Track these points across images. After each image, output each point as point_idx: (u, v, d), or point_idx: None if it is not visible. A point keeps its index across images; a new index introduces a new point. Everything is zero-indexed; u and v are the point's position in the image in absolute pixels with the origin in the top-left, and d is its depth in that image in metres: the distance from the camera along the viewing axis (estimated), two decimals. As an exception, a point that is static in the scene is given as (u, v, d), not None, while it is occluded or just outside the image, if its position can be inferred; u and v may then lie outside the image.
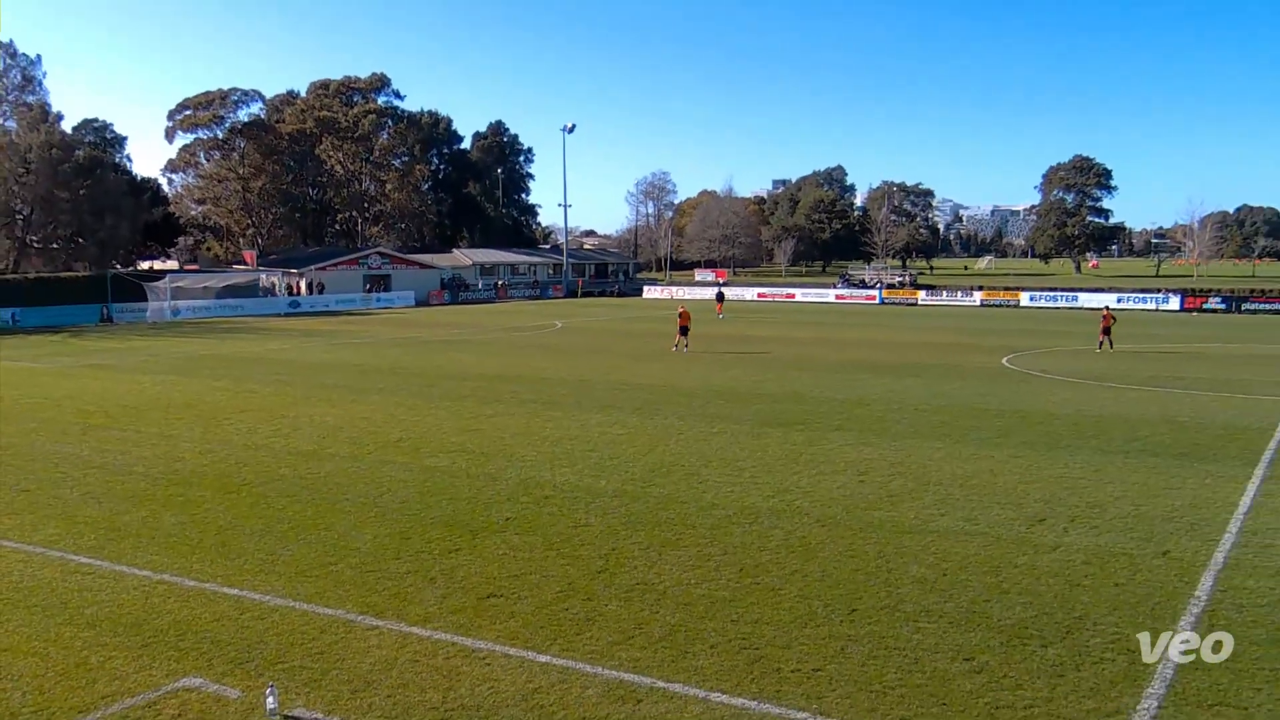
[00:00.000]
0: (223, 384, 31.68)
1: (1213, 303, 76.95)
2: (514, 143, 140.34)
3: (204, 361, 39.03)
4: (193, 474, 18.59)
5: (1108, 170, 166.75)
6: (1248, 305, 75.78)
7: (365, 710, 8.99)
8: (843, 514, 15.61)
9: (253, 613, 11.42)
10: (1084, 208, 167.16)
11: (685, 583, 12.40)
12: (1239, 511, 15.73)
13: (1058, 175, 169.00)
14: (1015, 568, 12.97)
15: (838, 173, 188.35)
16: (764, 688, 9.44)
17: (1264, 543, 14.04)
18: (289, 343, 47.93)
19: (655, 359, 39.01)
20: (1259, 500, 16.47)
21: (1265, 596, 11.87)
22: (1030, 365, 37.08)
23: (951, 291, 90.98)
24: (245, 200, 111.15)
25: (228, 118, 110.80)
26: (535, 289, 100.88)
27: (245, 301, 74.28)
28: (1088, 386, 30.88)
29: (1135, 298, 79.79)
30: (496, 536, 14.43)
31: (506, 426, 23.46)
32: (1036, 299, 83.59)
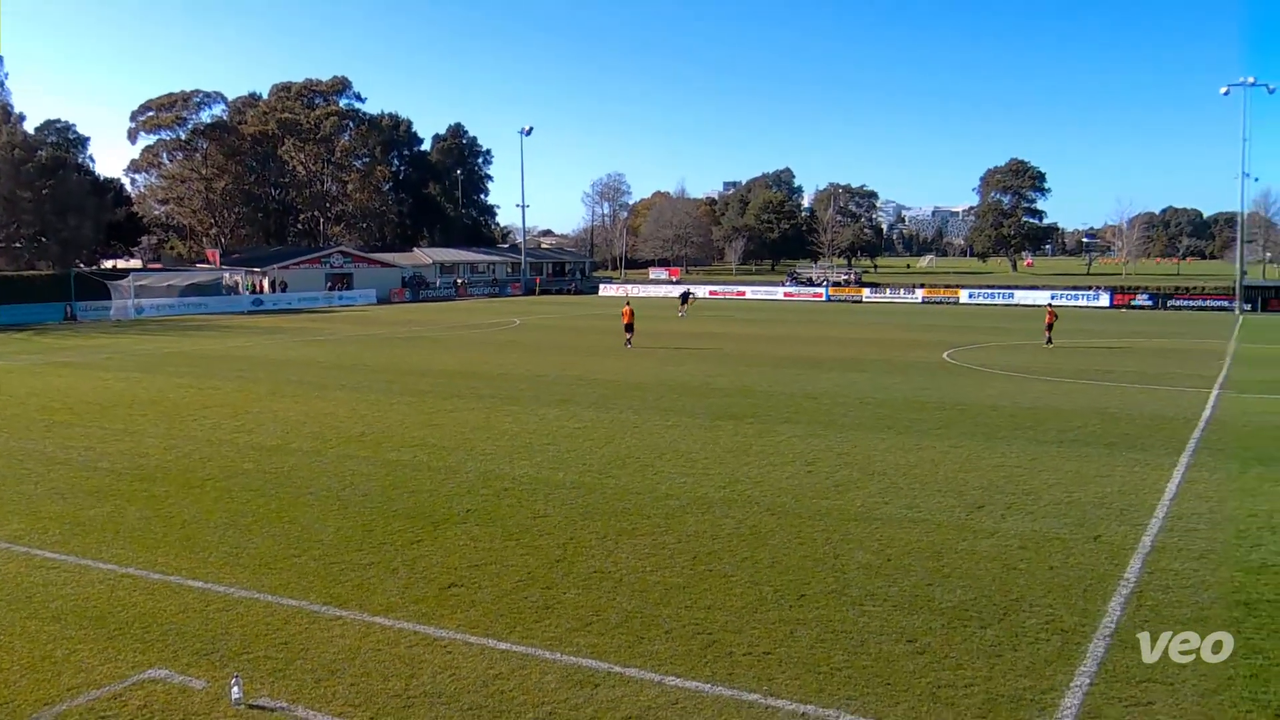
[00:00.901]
0: (186, 381, 31.21)
1: (1140, 299, 78.33)
2: (473, 145, 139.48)
3: (168, 359, 38.43)
4: (157, 469, 18.31)
5: (1042, 173, 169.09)
6: (1173, 302, 77.30)
7: (329, 699, 8.91)
8: (792, 503, 15.70)
9: (217, 605, 11.27)
10: (1019, 209, 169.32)
11: (641, 571, 12.42)
12: (1165, 498, 16.02)
13: (995, 178, 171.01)
14: (956, 553, 13.12)
15: (786, 175, 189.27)
16: (717, 671, 9.48)
17: (1188, 527, 14.32)
18: (252, 340, 47.32)
19: (611, 355, 39.01)
20: (1183, 487, 16.79)
21: (1189, 579, 12.11)
22: (969, 360, 37.52)
23: (894, 289, 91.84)
24: (208, 200, 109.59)
25: (190, 119, 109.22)
26: (494, 287, 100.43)
27: (209, 300, 73.23)
28: (1023, 380, 31.31)
29: (1068, 295, 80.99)
30: (457, 528, 14.35)
31: (466, 421, 23.34)
32: (975, 296, 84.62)
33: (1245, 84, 76.24)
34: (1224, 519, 14.75)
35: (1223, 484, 17.02)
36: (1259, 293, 75.76)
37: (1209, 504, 15.64)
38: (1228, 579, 12.08)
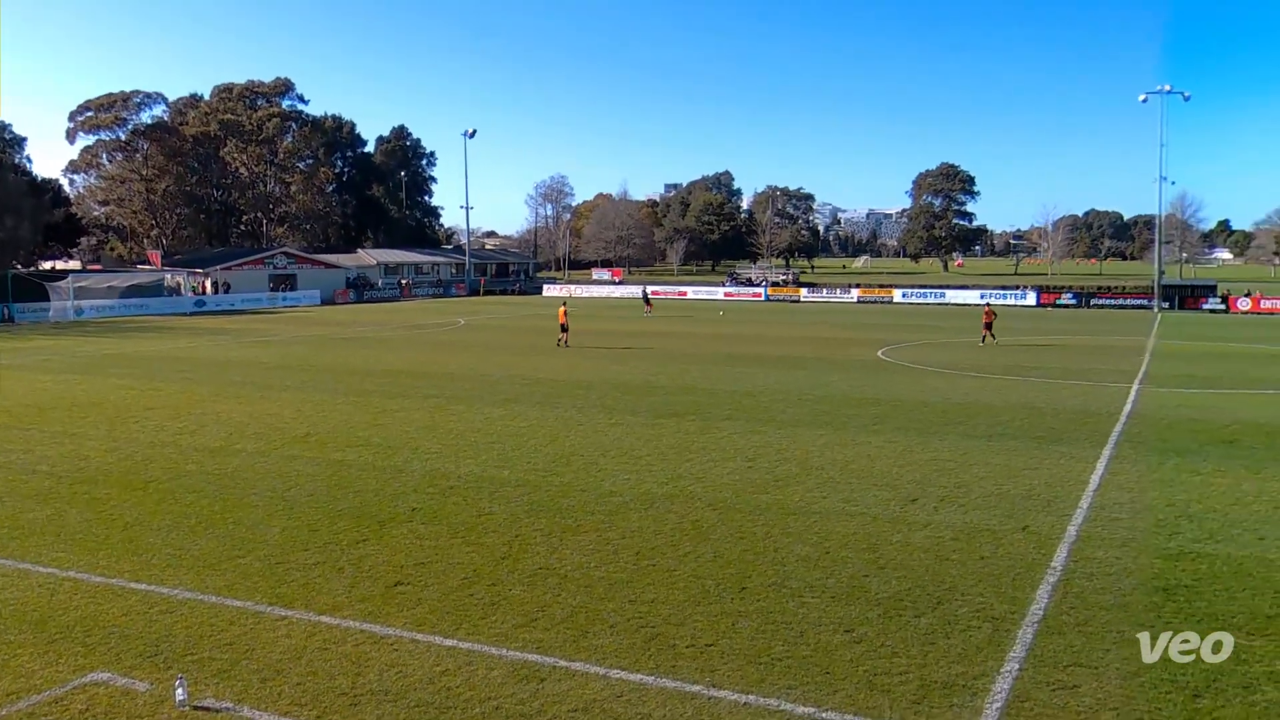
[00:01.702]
0: (128, 382, 30.51)
1: (1065, 298, 79.98)
2: (416, 147, 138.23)
3: (109, 360, 37.53)
4: (99, 471, 17.88)
5: (971, 177, 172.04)
6: (1095, 301, 79.06)
7: (275, 698, 8.78)
8: (733, 498, 15.79)
9: (161, 606, 11.04)
10: (950, 211, 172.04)
11: (585, 566, 12.41)
12: (1089, 489, 16.38)
13: (926, 181, 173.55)
14: (891, 545, 13.29)
15: (725, 177, 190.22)
16: (660, 663, 9.50)
17: (1111, 517, 14.65)
18: (195, 341, 46.42)
19: (554, 354, 38.91)
20: (1106, 478, 17.18)
21: (1112, 566, 12.40)
22: (903, 357, 38.02)
23: (831, 289, 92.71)
24: (149, 201, 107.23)
25: (130, 119, 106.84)
26: (439, 288, 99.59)
27: (150, 301, 71.63)
28: (955, 376, 31.81)
29: (997, 294, 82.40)
30: (403, 526, 14.22)
31: (412, 420, 23.13)
32: (908, 296, 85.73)
33: (1162, 92, 78.40)
34: (1144, 508, 15.12)
35: (1143, 475, 17.44)
36: (1176, 291, 77.82)
37: (1130, 494, 16.02)
38: (1148, 566, 12.39)
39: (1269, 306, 71.94)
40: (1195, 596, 11.25)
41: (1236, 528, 14.01)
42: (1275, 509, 15.00)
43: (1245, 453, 19.22)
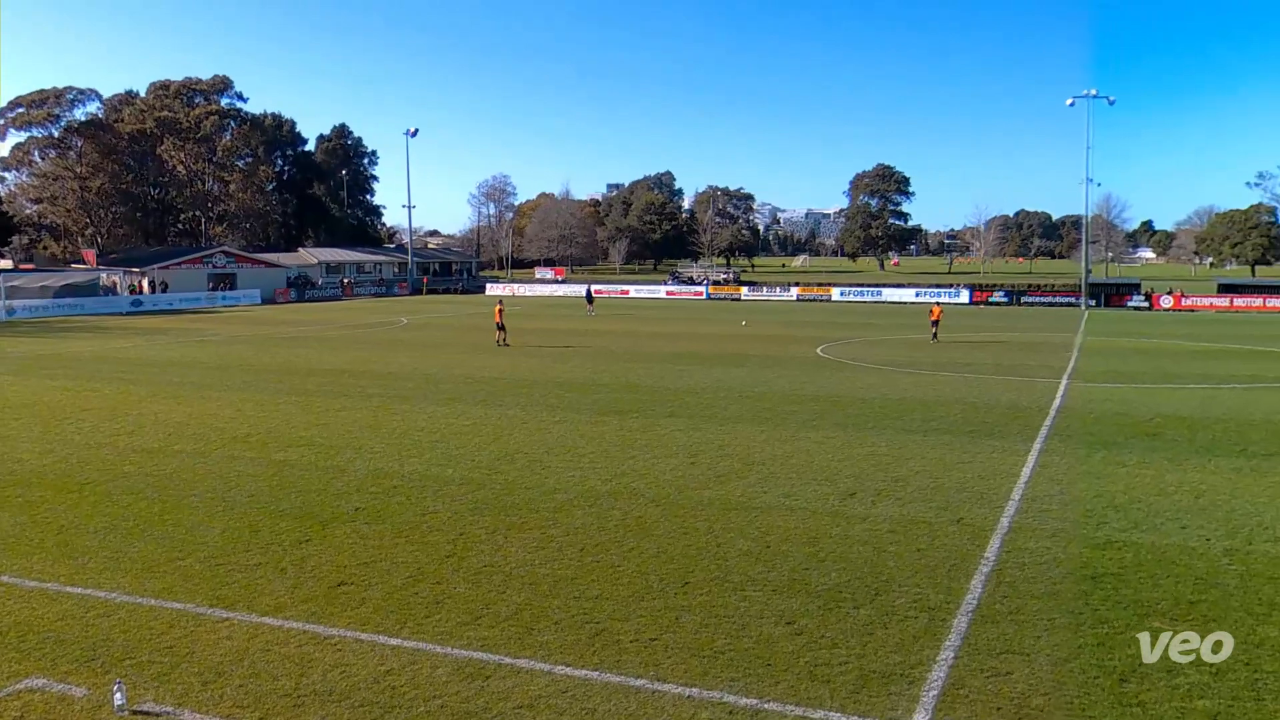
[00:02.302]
0: (62, 383, 29.70)
1: (997, 296, 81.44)
2: (358, 145, 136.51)
3: (42, 361, 36.50)
4: (32, 474, 17.38)
5: (906, 178, 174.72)
6: (1026, 298, 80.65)
7: (217, 701, 8.62)
8: (676, 494, 15.83)
9: (98, 610, 10.78)
10: (886, 211, 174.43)
11: (530, 563, 12.36)
12: (1021, 481, 16.70)
13: (863, 182, 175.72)
14: (830, 538, 13.42)
15: (667, 178, 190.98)
16: (605, 659, 9.50)
17: (1041, 508, 14.96)
18: (132, 341, 45.35)
19: (498, 353, 38.69)
20: (1037, 471, 17.53)
21: (1043, 556, 12.66)
22: (841, 354, 38.43)
23: (771, 288, 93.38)
24: (83, 199, 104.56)
25: (63, 116, 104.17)
26: (381, 287, 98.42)
27: (85, 300, 69.78)
28: (891, 373, 32.23)
29: (931, 292, 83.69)
30: (346, 526, 14.04)
31: (354, 420, 22.84)
32: (846, 294, 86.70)
33: (1089, 96, 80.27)
34: (1073, 500, 15.46)
35: (1071, 467, 17.83)
36: (1102, 290, 79.70)
37: (1059, 486, 16.36)
38: (1077, 555, 12.67)
39: (1189, 304, 74.01)
40: (1122, 584, 11.52)
41: (1160, 517, 14.38)
42: (1196, 499, 15.43)
43: (1167, 445, 19.73)
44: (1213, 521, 14.16)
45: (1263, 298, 73.71)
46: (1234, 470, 17.46)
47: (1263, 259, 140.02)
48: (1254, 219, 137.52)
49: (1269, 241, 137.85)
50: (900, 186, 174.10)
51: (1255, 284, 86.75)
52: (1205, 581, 11.63)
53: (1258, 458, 18.51)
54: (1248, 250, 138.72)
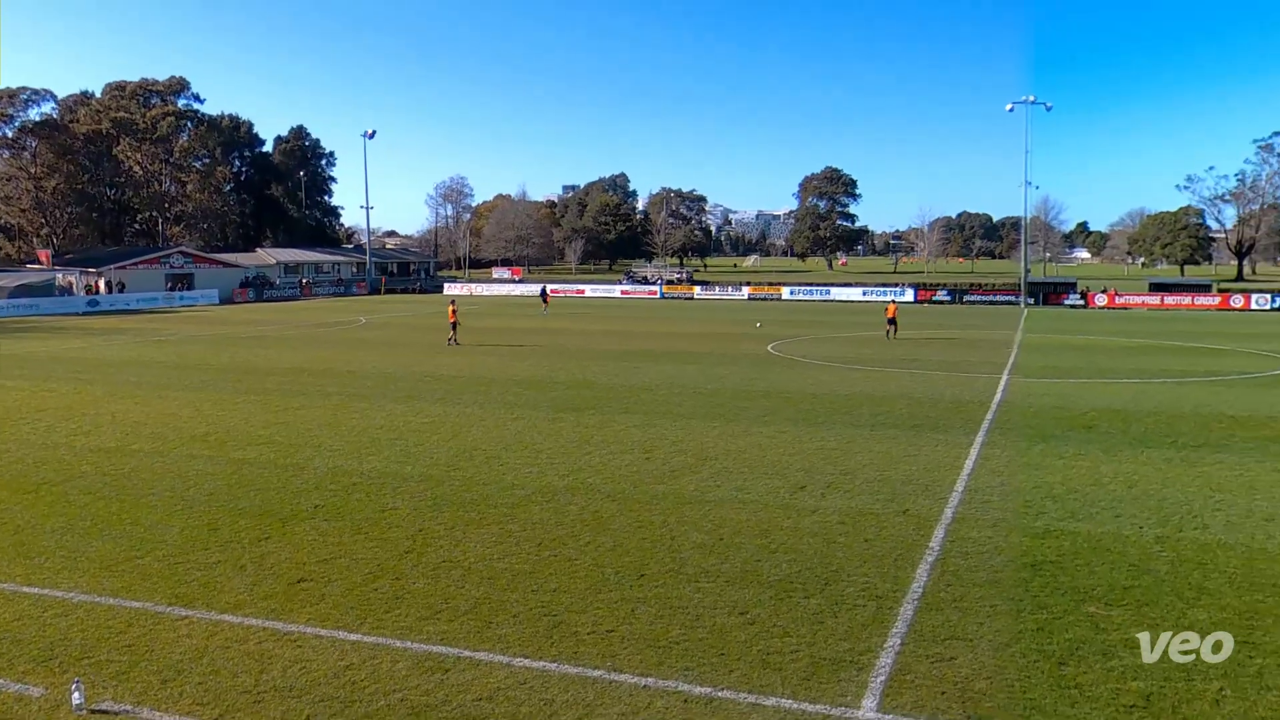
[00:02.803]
0: (17, 384, 29.01)
1: (940, 295, 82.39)
2: (316, 147, 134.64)
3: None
4: (-13, 475, 16.97)
5: (854, 180, 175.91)
6: (968, 297, 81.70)
7: (176, 699, 8.48)
8: (631, 489, 15.84)
9: (55, 610, 10.55)
10: (834, 213, 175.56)
11: (489, 558, 12.30)
12: (964, 473, 16.93)
13: (812, 184, 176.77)
14: (781, 530, 13.51)
15: (621, 179, 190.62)
16: (563, 650, 9.49)
17: (983, 499, 15.17)
18: (89, 341, 44.42)
19: (455, 351, 38.44)
20: (979, 463, 17.78)
21: (985, 545, 12.84)
22: (791, 352, 38.67)
23: (723, 287, 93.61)
24: (38, 199, 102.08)
25: (17, 116, 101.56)
26: (340, 287, 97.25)
27: (41, 301, 68.18)
28: (840, 369, 32.49)
29: (878, 291, 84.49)
30: (306, 523, 13.88)
31: (313, 418, 22.57)
32: (795, 293, 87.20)
33: (1027, 102, 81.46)
34: (1013, 491, 15.70)
35: (1012, 459, 18.10)
36: (1040, 288, 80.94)
37: (1000, 478, 16.61)
38: (1017, 544, 12.87)
39: (1122, 302, 75.45)
40: (1060, 571, 11.73)
41: (1095, 507, 14.65)
42: (1129, 489, 15.74)
43: (1102, 437, 20.11)
44: (1145, 510, 14.45)
45: (1191, 296, 75.43)
46: (1165, 461, 17.84)
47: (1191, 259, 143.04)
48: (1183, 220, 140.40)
49: (1197, 242, 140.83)
50: (848, 189, 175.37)
51: (1184, 283, 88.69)
52: (1138, 568, 11.87)
53: (1187, 449, 18.92)
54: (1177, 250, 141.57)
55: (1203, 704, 8.36)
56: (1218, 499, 15.10)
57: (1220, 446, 19.12)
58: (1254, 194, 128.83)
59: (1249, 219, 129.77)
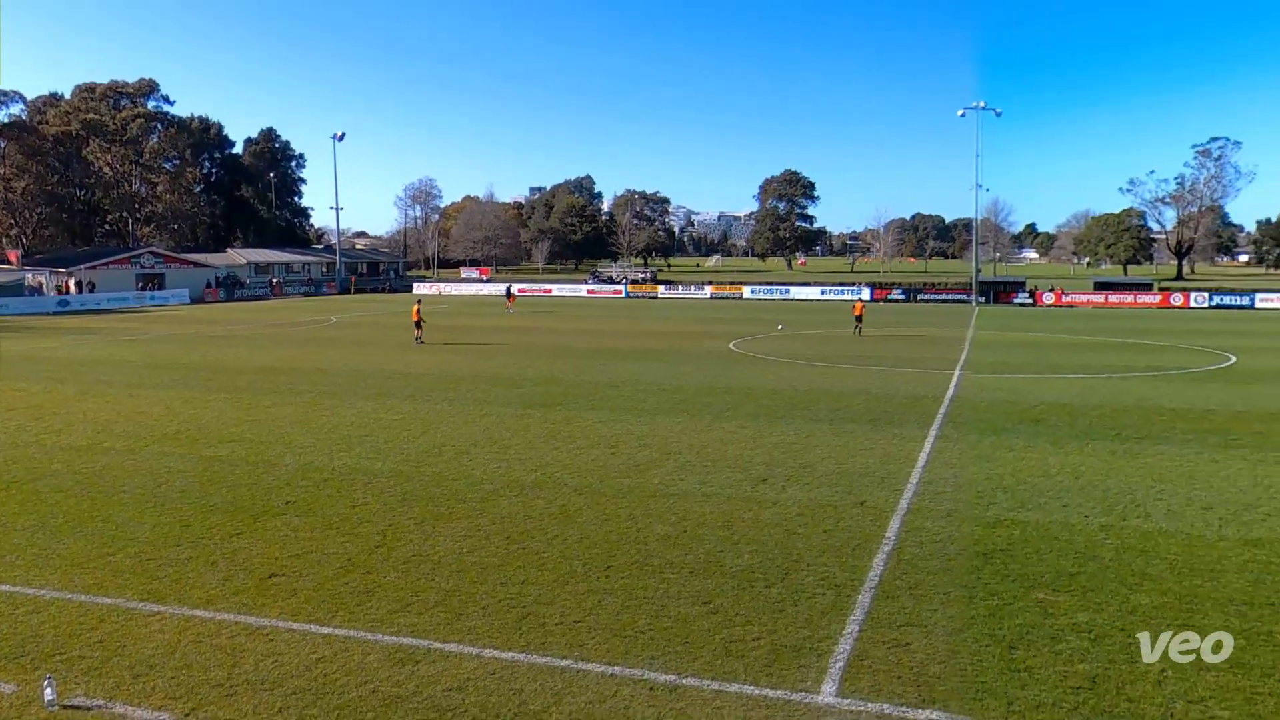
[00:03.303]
0: (-12, 383, 28.41)
1: (895, 294, 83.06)
2: (286, 149, 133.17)
3: (-34, 361, 34.88)
4: (-43, 474, 16.60)
5: (812, 183, 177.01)
6: (922, 296, 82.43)
7: (148, 693, 8.36)
8: (597, 483, 15.82)
9: (26, 607, 10.36)
10: (793, 214, 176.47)
11: (458, 552, 12.24)
12: (918, 466, 17.08)
13: (772, 186, 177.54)
14: (743, 522, 13.56)
15: (587, 181, 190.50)
16: (531, 641, 9.46)
17: (936, 490, 15.32)
18: (59, 341, 43.60)
19: (424, 349, 38.18)
20: (933, 456, 17.95)
21: (938, 534, 12.97)
22: (753, 349, 38.82)
23: (686, 286, 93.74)
24: (7, 200, 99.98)
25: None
26: (310, 286, 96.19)
27: (10, 300, 66.77)
28: (800, 366, 32.66)
29: (835, 290, 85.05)
30: (277, 519, 13.73)
31: (284, 416, 22.33)
32: (756, 292, 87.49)
33: (978, 108, 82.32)
34: (965, 482, 15.87)
35: (964, 452, 18.29)
36: (991, 287, 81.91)
37: (953, 470, 16.78)
38: (969, 534, 13.01)
39: (1069, 300, 76.51)
40: (1010, 559, 11.87)
41: (1043, 497, 14.85)
42: (1076, 479, 15.97)
43: (1050, 430, 20.38)
44: (1090, 500, 14.67)
45: (1134, 294, 76.69)
46: (1109, 452, 18.12)
47: (1134, 259, 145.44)
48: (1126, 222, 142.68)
49: (1139, 243, 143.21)
50: (806, 191, 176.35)
51: (1127, 282, 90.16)
52: (1084, 555, 12.05)
53: (1130, 440, 19.23)
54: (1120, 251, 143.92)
55: (1145, 684, 8.51)
56: (1159, 489, 15.36)
57: (1161, 439, 19.46)
58: (1192, 197, 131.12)
59: (1188, 221, 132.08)
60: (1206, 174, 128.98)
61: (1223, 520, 13.58)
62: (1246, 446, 18.65)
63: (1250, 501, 14.58)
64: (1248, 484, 15.67)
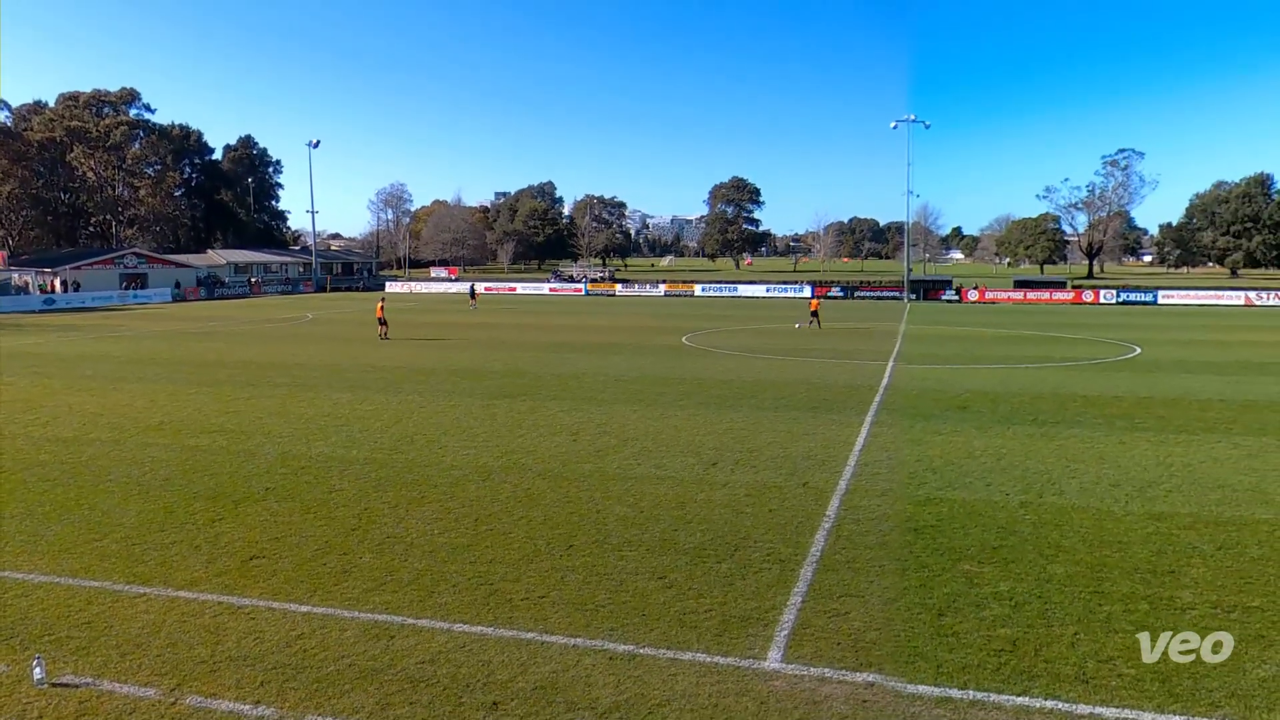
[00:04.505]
0: (-24, 378, 27.62)
1: (834, 291, 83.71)
2: (263, 155, 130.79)
3: (-46, 357, 33.86)
4: (-54, 465, 16.13)
5: (758, 189, 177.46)
6: (859, 293, 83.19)
7: (135, 670, 8.21)
8: (560, 468, 15.79)
9: (15, 591, 10.10)
10: (740, 218, 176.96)
11: (429, 534, 12.15)
12: (855, 449, 17.25)
13: (720, 192, 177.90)
14: (695, 503, 13.61)
15: (549, 186, 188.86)
16: (499, 616, 9.43)
17: (873, 472, 15.50)
18: (45, 337, 42.49)
19: (396, 344, 37.77)
20: (869, 440, 18.14)
21: (874, 512, 13.12)
22: (704, 343, 38.93)
23: (642, 285, 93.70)
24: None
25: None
26: (287, 285, 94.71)
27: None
28: (747, 358, 32.82)
29: (779, 288, 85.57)
30: (257, 505, 13.52)
31: (263, 408, 21.98)
32: (707, 290, 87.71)
33: (909, 120, 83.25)
34: (899, 464, 16.06)
35: (897, 436, 18.50)
36: (921, 285, 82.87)
37: (888, 453, 16.97)
38: (902, 511, 13.18)
39: (991, 297, 77.72)
40: (939, 534, 12.05)
41: (969, 477, 15.08)
42: (998, 461, 16.24)
43: (975, 416, 20.69)
44: (1011, 479, 14.93)
45: (1049, 291, 78.06)
46: (1028, 436, 18.44)
47: (1049, 259, 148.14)
48: (1042, 226, 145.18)
49: (1054, 244, 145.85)
50: (752, 196, 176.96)
51: (1044, 280, 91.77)
52: (1005, 530, 12.26)
53: (1047, 424, 19.60)
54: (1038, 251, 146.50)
55: (1060, 646, 8.70)
56: (1072, 468, 15.68)
57: (1075, 423, 19.85)
58: (1102, 203, 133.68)
59: (1098, 224, 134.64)
60: (1114, 182, 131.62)
61: (1129, 496, 13.90)
62: (1150, 429, 19.09)
63: (1154, 479, 14.93)
64: (1151, 463, 16.05)
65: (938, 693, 7.87)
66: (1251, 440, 17.99)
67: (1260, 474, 15.26)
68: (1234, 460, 16.27)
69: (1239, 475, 15.16)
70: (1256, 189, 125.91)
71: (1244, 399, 23.11)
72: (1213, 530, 12.24)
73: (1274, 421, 20.06)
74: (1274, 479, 14.94)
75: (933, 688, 7.95)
